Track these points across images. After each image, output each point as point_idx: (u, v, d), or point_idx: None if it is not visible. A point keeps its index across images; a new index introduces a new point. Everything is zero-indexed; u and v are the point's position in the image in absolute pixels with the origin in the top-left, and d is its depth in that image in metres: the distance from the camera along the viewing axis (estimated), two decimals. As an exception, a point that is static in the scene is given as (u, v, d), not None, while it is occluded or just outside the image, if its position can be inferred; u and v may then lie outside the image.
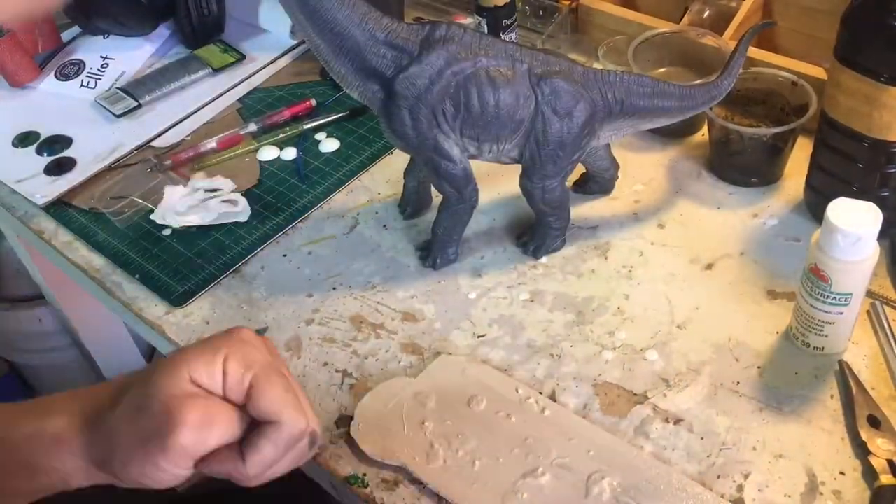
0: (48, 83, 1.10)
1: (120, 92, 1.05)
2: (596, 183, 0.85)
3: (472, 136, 0.72)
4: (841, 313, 0.66)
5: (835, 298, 0.65)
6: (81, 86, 1.09)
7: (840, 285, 0.64)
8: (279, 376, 0.54)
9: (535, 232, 0.80)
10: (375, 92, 0.71)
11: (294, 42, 1.11)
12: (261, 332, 0.76)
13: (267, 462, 0.53)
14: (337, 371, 0.73)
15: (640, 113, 0.75)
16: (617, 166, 0.84)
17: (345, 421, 0.69)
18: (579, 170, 0.83)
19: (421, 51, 0.69)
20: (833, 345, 0.68)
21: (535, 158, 0.73)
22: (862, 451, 0.62)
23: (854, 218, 0.61)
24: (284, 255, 0.84)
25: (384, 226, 0.86)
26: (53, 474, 0.54)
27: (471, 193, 0.76)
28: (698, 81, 0.83)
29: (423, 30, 0.70)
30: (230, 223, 0.87)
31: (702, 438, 0.65)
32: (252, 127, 0.99)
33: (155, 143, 1.00)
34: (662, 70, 0.92)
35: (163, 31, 1.14)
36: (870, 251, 0.62)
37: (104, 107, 1.04)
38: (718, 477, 0.62)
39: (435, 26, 0.70)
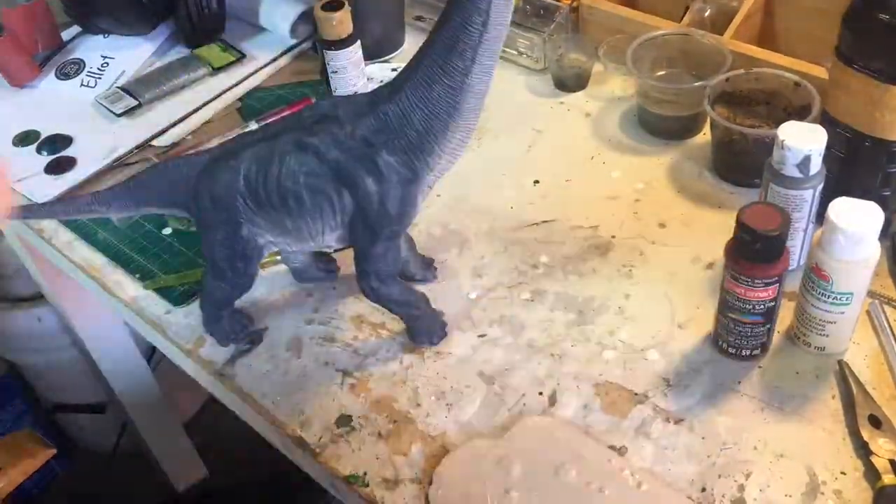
0: (48, 82, 1.10)
1: (120, 91, 1.05)
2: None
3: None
4: (842, 313, 0.65)
5: (836, 298, 0.64)
6: (82, 85, 1.09)
7: (841, 285, 0.64)
8: None
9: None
10: None
11: (294, 41, 1.11)
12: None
13: None
14: (337, 370, 0.73)
15: None
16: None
17: (345, 420, 0.69)
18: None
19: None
20: (834, 344, 0.68)
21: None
22: (863, 451, 0.62)
23: (855, 218, 0.61)
24: (285, 255, 0.84)
25: (384, 225, 0.86)
26: None
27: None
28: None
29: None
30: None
31: (703, 438, 0.65)
32: (252, 126, 0.98)
33: (155, 142, 0.99)
34: (663, 72, 0.92)
35: (163, 31, 1.14)
36: (871, 251, 0.62)
37: (104, 106, 1.04)
38: (719, 477, 0.62)
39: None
